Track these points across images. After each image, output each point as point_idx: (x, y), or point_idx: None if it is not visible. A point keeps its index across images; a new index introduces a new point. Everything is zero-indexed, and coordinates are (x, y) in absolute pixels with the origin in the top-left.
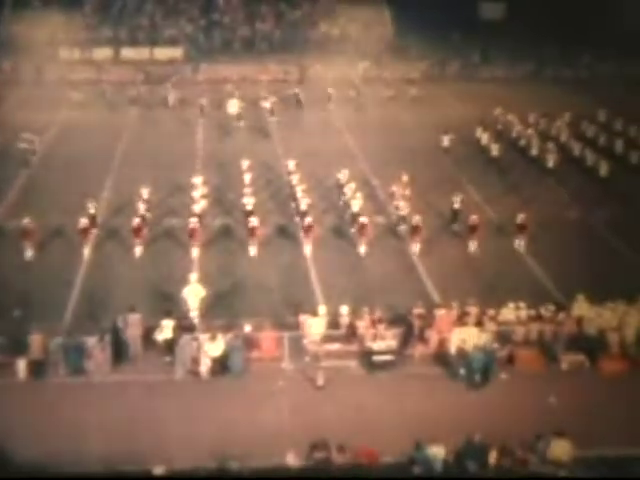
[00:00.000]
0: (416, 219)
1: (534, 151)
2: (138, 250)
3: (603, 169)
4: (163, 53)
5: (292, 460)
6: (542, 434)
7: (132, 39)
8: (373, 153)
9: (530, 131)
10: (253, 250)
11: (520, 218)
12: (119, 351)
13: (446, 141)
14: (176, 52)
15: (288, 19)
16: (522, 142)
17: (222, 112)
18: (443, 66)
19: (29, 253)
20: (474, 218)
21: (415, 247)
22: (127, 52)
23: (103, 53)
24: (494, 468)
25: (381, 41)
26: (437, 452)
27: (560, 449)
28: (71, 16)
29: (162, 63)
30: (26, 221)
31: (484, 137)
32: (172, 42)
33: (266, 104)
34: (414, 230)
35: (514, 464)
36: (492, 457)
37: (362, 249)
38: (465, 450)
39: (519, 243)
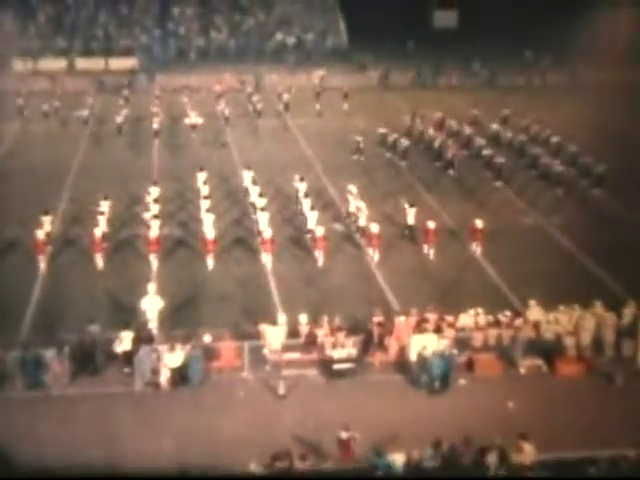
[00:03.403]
0: (374, 227)
1: (436, 144)
2: (99, 262)
3: (498, 161)
4: (118, 63)
5: (254, 470)
6: (504, 438)
7: (86, 49)
8: (328, 162)
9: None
10: (211, 262)
11: (477, 223)
12: (91, 364)
13: (361, 143)
14: (131, 62)
15: (243, 29)
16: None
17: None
18: (397, 74)
19: None
20: (429, 224)
21: (374, 255)
22: (81, 62)
23: (57, 64)
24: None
25: (335, 50)
26: (397, 459)
27: (523, 452)
28: (24, 26)
29: (117, 73)
30: None
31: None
32: (127, 52)
33: (187, 120)
34: (372, 237)
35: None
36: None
37: (320, 261)
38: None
39: (475, 248)
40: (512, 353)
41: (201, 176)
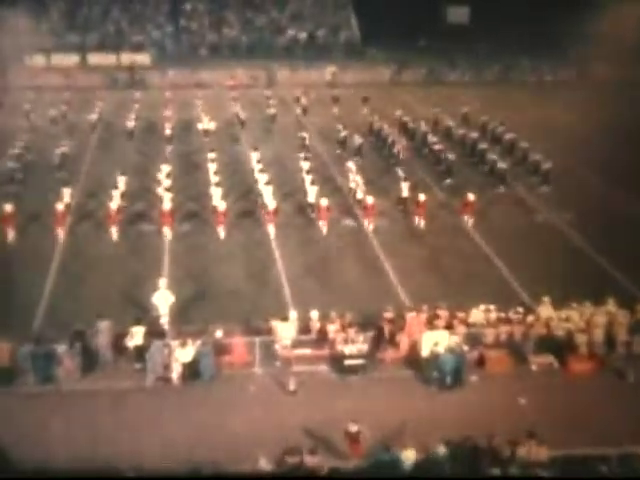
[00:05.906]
0: (369, 199)
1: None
2: (115, 234)
3: (449, 157)
4: (130, 59)
5: (264, 465)
6: (516, 435)
7: (99, 45)
8: (336, 157)
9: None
10: (222, 233)
11: (469, 196)
12: (89, 359)
13: (307, 139)
14: (143, 58)
15: (255, 25)
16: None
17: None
18: (409, 70)
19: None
20: (420, 196)
21: (370, 224)
22: (94, 58)
23: (69, 59)
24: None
25: (348, 46)
26: (408, 455)
27: (533, 450)
28: (37, 22)
29: (129, 69)
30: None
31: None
32: (139, 48)
33: (200, 125)
34: (368, 209)
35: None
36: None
37: (324, 230)
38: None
39: (467, 220)
40: (523, 350)
41: (210, 156)
